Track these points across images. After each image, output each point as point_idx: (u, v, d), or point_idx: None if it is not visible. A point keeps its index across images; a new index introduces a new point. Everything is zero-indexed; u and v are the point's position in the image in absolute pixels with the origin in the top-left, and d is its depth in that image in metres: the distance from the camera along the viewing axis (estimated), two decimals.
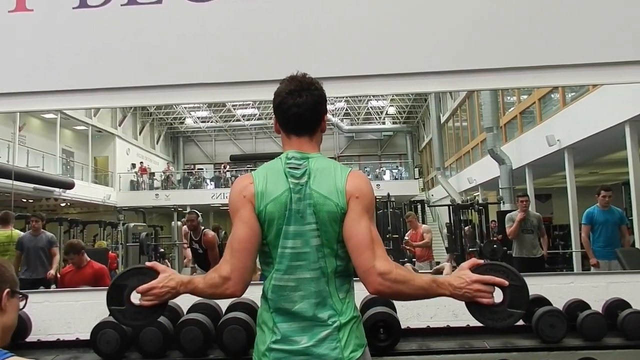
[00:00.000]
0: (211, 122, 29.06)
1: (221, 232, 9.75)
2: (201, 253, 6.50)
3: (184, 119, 29.07)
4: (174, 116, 28.44)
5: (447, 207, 13.02)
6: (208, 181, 26.41)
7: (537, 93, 11.36)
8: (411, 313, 2.99)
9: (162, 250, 12.01)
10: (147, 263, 1.60)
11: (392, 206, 11.33)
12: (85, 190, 18.97)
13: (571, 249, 10.74)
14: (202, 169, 28.10)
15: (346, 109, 27.92)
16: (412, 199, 17.87)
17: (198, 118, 28.95)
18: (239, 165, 27.54)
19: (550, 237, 11.23)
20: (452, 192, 18.03)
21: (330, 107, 24.75)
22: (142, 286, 1.50)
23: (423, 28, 2.86)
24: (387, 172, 26.90)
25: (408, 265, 8.84)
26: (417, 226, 8.45)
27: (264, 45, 2.90)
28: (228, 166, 27.03)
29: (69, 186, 17.02)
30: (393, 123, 29.51)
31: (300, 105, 1.54)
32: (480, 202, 11.88)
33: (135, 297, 1.54)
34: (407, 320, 2.92)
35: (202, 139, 30.56)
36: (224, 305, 2.92)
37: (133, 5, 2.94)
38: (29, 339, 3.00)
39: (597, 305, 2.90)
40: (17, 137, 16.09)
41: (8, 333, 1.25)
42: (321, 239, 1.48)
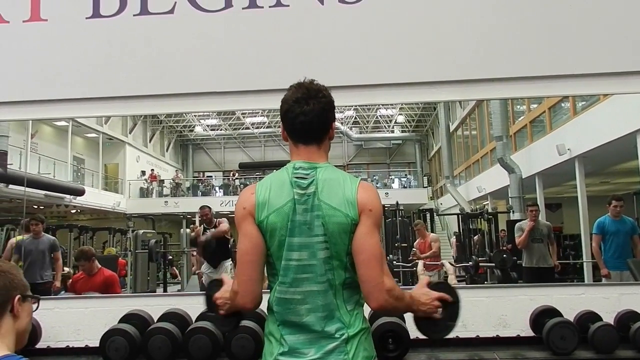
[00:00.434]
0: (220, 130, 29.19)
1: (230, 240, 9.73)
2: (214, 247, 6.38)
3: (194, 127, 29.22)
4: (184, 124, 28.61)
5: (457, 216, 12.97)
6: (217, 189, 26.47)
7: (547, 102, 11.31)
8: None
9: (171, 257, 12.04)
10: (222, 276, 1.83)
11: (401, 215, 11.28)
12: (95, 197, 19.11)
13: (582, 259, 10.63)
14: (211, 177, 28.21)
15: (355, 117, 27.92)
16: (421, 208, 17.80)
17: (207, 126, 29.08)
18: (248, 172, 27.66)
19: (560, 247, 11.14)
20: (461, 201, 17.96)
21: (339, 115, 24.83)
22: (214, 296, 1.64)
23: (432, 38, 2.86)
24: (396, 181, 26.83)
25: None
26: (426, 235, 8.43)
27: (274, 54, 2.92)
28: (237, 174, 27.13)
29: (80, 193, 17.18)
30: (402, 131, 29.46)
31: (307, 113, 1.50)
32: (489, 211, 11.79)
33: None
34: (416, 330, 2.89)
35: (212, 147, 30.70)
36: None
37: (145, 15, 2.97)
38: (39, 346, 3.03)
39: (609, 317, 2.87)
40: (29, 145, 16.29)
41: (23, 337, 1.25)
42: (330, 251, 1.46)
